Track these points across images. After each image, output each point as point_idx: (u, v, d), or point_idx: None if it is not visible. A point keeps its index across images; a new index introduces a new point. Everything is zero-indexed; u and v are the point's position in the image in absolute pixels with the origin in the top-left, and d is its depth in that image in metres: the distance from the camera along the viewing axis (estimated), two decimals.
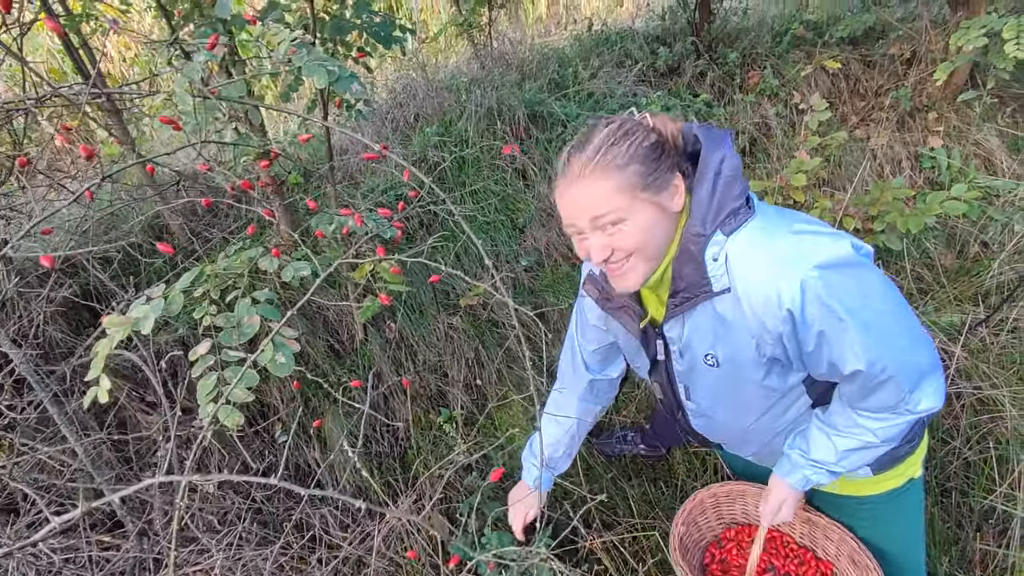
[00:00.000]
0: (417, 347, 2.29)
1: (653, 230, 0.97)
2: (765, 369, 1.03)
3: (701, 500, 1.48)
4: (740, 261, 0.94)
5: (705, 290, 0.97)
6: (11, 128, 1.86)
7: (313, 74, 1.38)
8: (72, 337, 2.04)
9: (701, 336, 1.05)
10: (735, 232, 0.95)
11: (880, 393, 0.97)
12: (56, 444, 1.68)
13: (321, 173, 2.36)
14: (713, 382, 1.11)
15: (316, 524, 1.62)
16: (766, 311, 0.93)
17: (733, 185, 0.96)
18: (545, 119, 2.67)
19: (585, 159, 0.94)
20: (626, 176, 0.93)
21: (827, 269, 0.88)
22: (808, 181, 2.17)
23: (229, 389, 1.28)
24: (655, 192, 0.95)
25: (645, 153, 0.94)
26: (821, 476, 1.12)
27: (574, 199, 0.97)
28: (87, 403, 1.29)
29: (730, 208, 0.95)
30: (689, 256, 0.97)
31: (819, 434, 1.10)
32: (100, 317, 1.79)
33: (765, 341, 0.97)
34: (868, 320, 0.90)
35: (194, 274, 1.55)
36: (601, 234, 0.98)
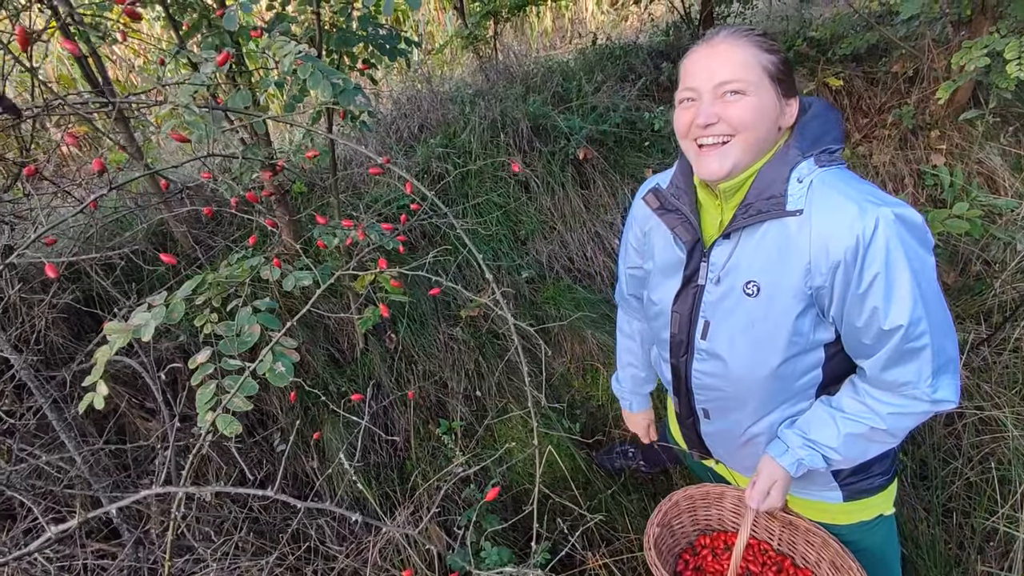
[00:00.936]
0: (417, 357, 2.28)
1: (764, 117, 1.00)
2: (803, 305, 1.02)
3: (676, 502, 1.43)
4: (823, 188, 0.98)
5: (777, 206, 1.00)
6: (18, 134, 1.88)
7: (317, 87, 1.39)
8: (73, 343, 2.04)
9: (749, 260, 1.05)
10: (827, 167, 1.00)
11: (908, 364, 0.97)
12: (55, 451, 1.68)
13: (325, 184, 2.37)
14: (741, 316, 1.08)
15: (313, 535, 1.61)
16: (834, 233, 0.95)
17: (836, 130, 1.03)
18: (548, 132, 2.69)
19: (737, 32, 1.01)
20: (766, 58, 0.99)
21: (903, 221, 0.92)
22: None
23: (228, 398, 1.28)
24: (781, 89, 1.01)
25: (784, 59, 1.01)
26: (816, 460, 1.10)
27: (709, 60, 1.01)
28: (83, 408, 1.29)
29: (828, 144, 1.02)
30: (777, 169, 1.01)
31: (823, 415, 1.09)
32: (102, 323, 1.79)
33: (819, 269, 0.97)
34: (922, 282, 0.94)
35: (196, 282, 1.56)
36: (717, 102, 1.00)
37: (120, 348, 1.41)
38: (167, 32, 3.95)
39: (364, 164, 2.71)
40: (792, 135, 1.04)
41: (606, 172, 2.65)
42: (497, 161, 2.52)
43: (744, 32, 1.01)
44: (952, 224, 1.94)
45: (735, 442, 1.24)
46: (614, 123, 2.68)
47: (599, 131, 2.66)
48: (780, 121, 1.03)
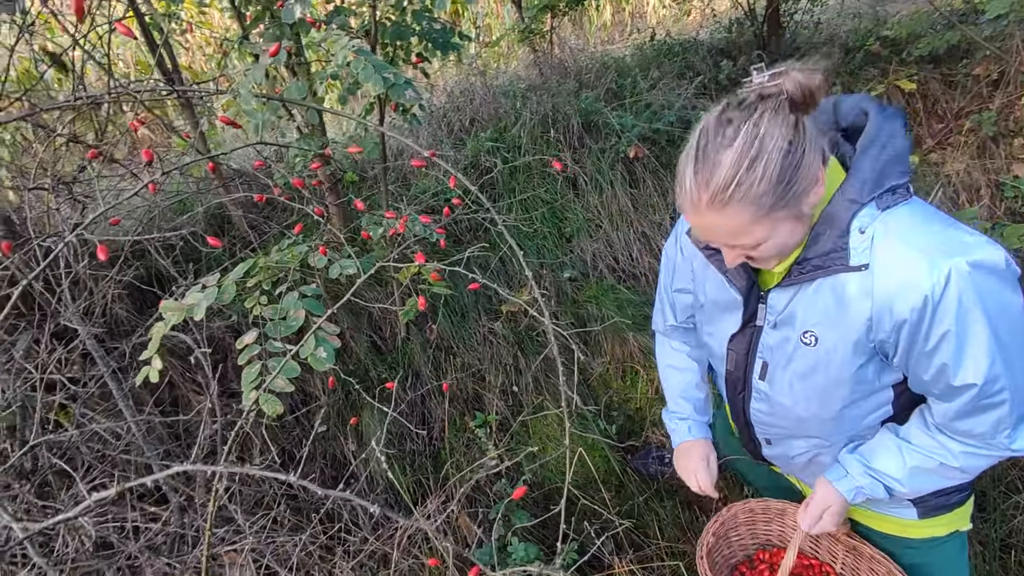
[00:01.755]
0: (457, 349, 2.31)
1: (793, 237, 0.91)
2: (866, 358, 0.95)
3: (735, 514, 1.39)
4: (888, 238, 0.86)
5: (840, 262, 0.90)
6: (95, 118, 2.00)
7: (369, 80, 1.42)
8: (135, 316, 2.16)
9: (809, 311, 0.98)
10: (891, 208, 0.88)
11: (982, 416, 0.89)
12: (113, 417, 1.79)
13: (375, 173, 2.42)
14: (800, 363, 1.02)
15: (345, 516, 1.66)
16: (899, 292, 0.86)
17: (900, 160, 0.89)
18: (600, 129, 2.65)
19: (713, 191, 0.83)
20: (763, 203, 0.83)
21: (979, 268, 0.82)
22: None
23: (271, 379, 1.33)
24: (795, 203, 0.85)
25: (782, 164, 0.81)
26: (877, 490, 1.03)
27: (704, 226, 0.90)
28: (139, 380, 1.36)
29: (892, 182, 0.88)
30: (835, 223, 0.90)
31: (889, 444, 1.02)
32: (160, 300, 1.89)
33: (882, 327, 0.90)
34: (1002, 333, 0.84)
35: (248, 265, 1.62)
36: (736, 250, 0.93)
37: (175, 325, 1.48)
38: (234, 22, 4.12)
39: (413, 156, 2.75)
40: (847, 179, 0.90)
41: (657, 172, 2.59)
42: (546, 157, 2.50)
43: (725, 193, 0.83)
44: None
45: (799, 463, 1.20)
46: (668, 121, 2.61)
47: (652, 129, 2.61)
48: (812, 206, 0.89)
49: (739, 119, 0.82)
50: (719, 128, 0.83)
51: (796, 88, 0.82)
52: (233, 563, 1.43)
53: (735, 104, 0.84)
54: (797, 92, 0.82)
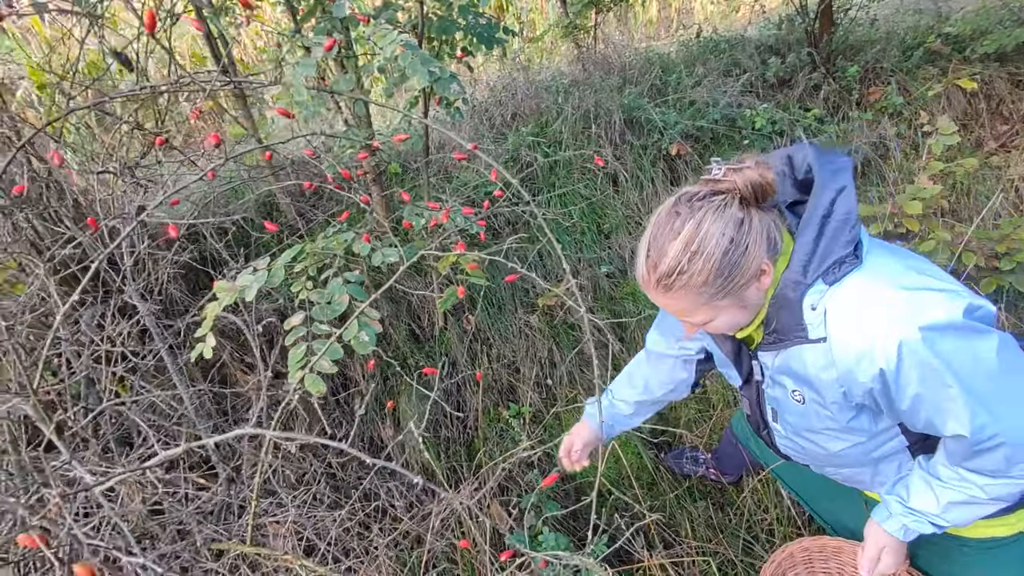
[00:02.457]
0: (493, 341, 2.34)
1: (738, 319, 0.97)
2: (853, 413, 0.99)
3: (791, 554, 1.40)
4: (838, 313, 0.89)
5: (799, 336, 0.94)
6: (156, 107, 2.10)
7: (415, 74, 1.46)
8: (189, 296, 2.27)
9: (790, 373, 1.02)
10: (838, 282, 0.90)
11: (987, 456, 0.89)
12: (167, 391, 1.89)
13: (418, 166, 2.47)
14: (798, 416, 1.08)
15: (382, 496, 1.71)
16: (857, 366, 0.89)
17: (843, 231, 0.90)
18: (642, 125, 2.64)
19: (659, 276, 0.90)
20: (703, 292, 0.90)
21: (933, 331, 0.82)
22: (925, 210, 2.00)
23: (315, 359, 1.39)
24: (738, 293, 0.92)
25: (721, 261, 0.87)
26: (922, 526, 1.04)
27: (657, 302, 0.97)
28: (194, 356, 1.44)
29: (836, 257, 0.90)
30: (786, 302, 0.94)
31: (921, 482, 1.02)
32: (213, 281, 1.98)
33: (854, 393, 0.93)
34: (977, 386, 0.83)
35: (295, 251, 1.69)
36: (689, 324, 0.99)
37: (227, 306, 1.56)
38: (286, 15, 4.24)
39: (455, 149, 2.79)
40: (790, 262, 0.92)
41: (699, 170, 2.57)
42: (586, 152, 2.51)
43: (669, 280, 0.89)
44: None
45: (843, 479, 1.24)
46: (712, 119, 2.58)
47: (695, 126, 2.58)
48: (760, 294, 0.95)
49: (687, 213, 0.89)
50: (669, 219, 0.90)
51: (747, 186, 0.88)
52: (276, 534, 1.50)
53: (687, 197, 0.91)
54: (747, 190, 0.89)
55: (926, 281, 0.87)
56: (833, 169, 0.93)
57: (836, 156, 0.95)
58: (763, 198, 0.90)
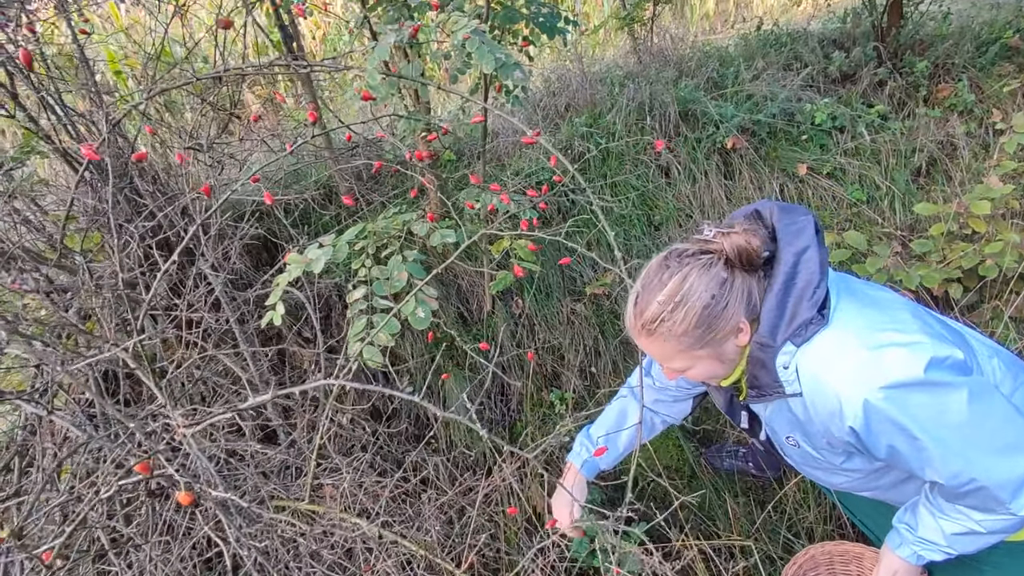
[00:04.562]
0: (539, 326, 2.39)
1: (715, 370, 1.03)
2: (844, 457, 1.06)
3: (813, 556, 1.43)
4: (807, 373, 0.95)
5: (778, 391, 1.00)
6: (231, 91, 2.22)
7: (483, 60, 1.51)
8: (253, 271, 2.39)
9: (780, 422, 1.09)
10: (805, 343, 0.95)
11: (973, 497, 0.93)
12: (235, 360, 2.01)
13: (473, 152, 2.53)
14: (798, 456, 1.15)
15: (429, 469, 1.78)
16: (831, 422, 0.95)
17: (806, 294, 0.95)
18: (698, 118, 2.62)
19: (643, 322, 0.98)
20: (683, 342, 0.96)
21: (895, 388, 0.87)
22: (994, 210, 1.94)
23: (375, 332, 1.46)
24: (715, 347, 0.98)
25: (701, 315, 0.94)
26: (933, 554, 1.07)
27: (641, 347, 1.03)
28: (264, 323, 1.53)
29: (801, 320, 0.95)
30: (760, 363, 0.99)
31: (926, 513, 1.06)
32: (276, 257, 2.08)
33: (836, 442, 1.00)
34: (945, 437, 0.88)
35: (358, 229, 1.77)
36: (669, 370, 1.05)
37: (290, 280, 1.65)
38: (350, 5, 4.35)
39: (509, 137, 2.84)
40: (758, 327, 0.97)
41: (754, 164, 2.54)
42: (640, 143, 2.52)
43: (651, 326, 0.97)
44: None
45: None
46: (770, 113, 2.55)
47: (752, 120, 2.55)
48: (736, 348, 1.00)
49: (676, 267, 0.97)
50: (659, 271, 0.98)
51: (733, 249, 0.95)
52: (332, 496, 1.59)
53: (677, 253, 0.99)
54: (733, 253, 0.95)
55: (890, 337, 0.91)
56: (794, 230, 0.99)
57: (797, 214, 1.01)
58: (747, 262, 0.96)
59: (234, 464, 1.68)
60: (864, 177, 2.41)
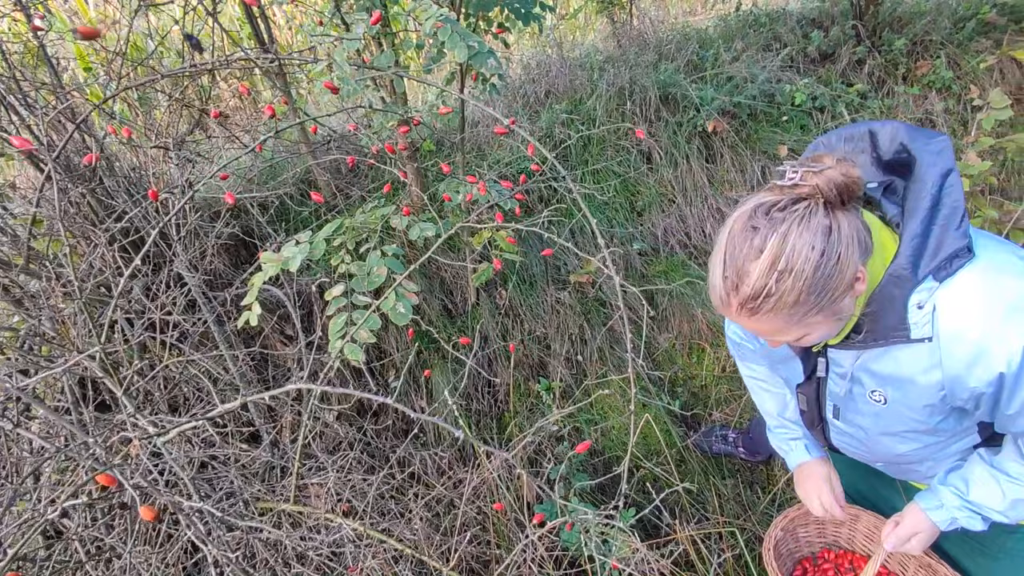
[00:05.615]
0: (524, 317, 2.37)
1: (835, 327, 0.88)
2: (943, 415, 0.94)
3: (806, 512, 1.40)
4: (952, 313, 0.82)
5: (899, 336, 0.87)
6: (200, 85, 2.17)
7: (454, 48, 1.47)
8: (232, 270, 2.35)
9: (874, 374, 0.95)
10: (950, 278, 0.82)
11: None
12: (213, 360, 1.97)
13: (453, 142, 2.49)
14: (871, 415, 1.02)
15: (416, 464, 1.77)
16: (971, 370, 0.83)
17: (954, 220, 0.82)
18: (678, 101, 2.60)
19: (742, 299, 0.81)
20: (795, 312, 0.81)
21: None
22: (973, 187, 1.94)
23: (355, 329, 1.44)
24: (830, 307, 0.82)
25: (813, 277, 0.78)
26: (974, 522, 1.01)
27: (738, 323, 0.88)
28: (241, 323, 1.51)
29: (950, 251, 0.82)
30: (889, 300, 0.86)
31: (986, 476, 0.99)
32: (255, 255, 2.04)
33: (956, 395, 0.88)
34: None
35: (335, 225, 1.74)
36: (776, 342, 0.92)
37: (270, 277, 1.62)
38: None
39: (489, 126, 2.80)
40: (898, 256, 0.84)
41: (735, 146, 2.53)
42: (620, 129, 2.49)
43: (755, 304, 0.80)
44: None
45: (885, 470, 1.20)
46: (750, 95, 2.53)
47: (733, 103, 2.54)
48: (854, 301, 0.85)
49: (767, 227, 0.79)
50: (746, 235, 0.80)
51: (830, 188, 0.79)
52: (317, 495, 1.57)
53: (763, 209, 0.81)
54: (831, 192, 0.79)
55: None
56: (935, 150, 0.85)
57: (934, 134, 0.86)
58: (849, 199, 0.81)
59: (217, 467, 1.66)
60: None
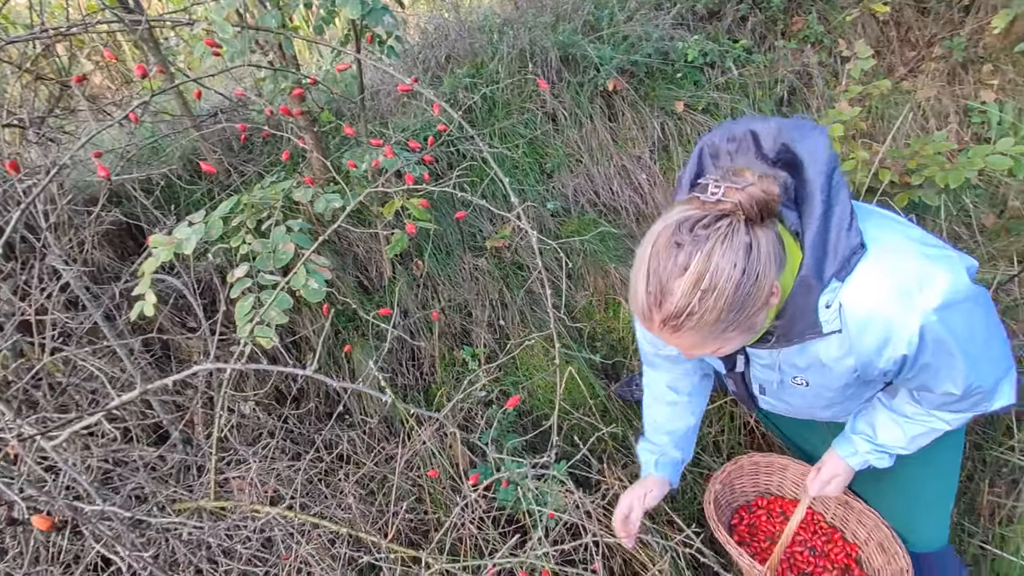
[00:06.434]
0: (443, 286, 2.34)
1: (747, 339, 0.92)
2: (857, 386, 1.04)
3: (741, 465, 1.54)
4: (856, 307, 0.88)
5: (813, 333, 0.92)
6: (57, 60, 1.92)
7: (346, 5, 1.39)
8: (119, 262, 2.15)
9: (793, 364, 1.02)
10: (850, 275, 0.87)
11: (965, 403, 0.98)
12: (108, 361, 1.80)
13: (353, 112, 2.38)
14: (795, 395, 1.11)
15: (344, 444, 1.72)
16: (880, 353, 0.90)
17: (844, 221, 0.86)
18: (578, 62, 2.63)
19: (665, 316, 0.82)
20: (715, 329, 0.83)
21: (945, 309, 0.84)
22: (846, 132, 2.11)
23: (264, 310, 1.36)
24: (748, 322, 0.85)
25: (735, 296, 0.80)
26: (883, 460, 1.14)
27: (659, 337, 0.89)
28: (134, 315, 1.38)
29: (847, 251, 0.86)
30: (801, 306, 0.90)
31: (888, 421, 1.10)
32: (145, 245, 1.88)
33: (869, 374, 0.96)
34: (973, 352, 0.89)
35: (232, 203, 1.62)
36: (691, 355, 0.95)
37: (164, 263, 1.49)
38: None
39: (391, 94, 2.70)
40: (803, 267, 0.88)
41: (635, 104, 2.60)
42: (524, 91, 2.48)
43: (678, 321, 0.82)
44: (994, 161, 1.87)
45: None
46: (646, 53, 2.60)
47: (630, 61, 2.59)
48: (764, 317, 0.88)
49: (691, 245, 0.80)
50: (670, 252, 0.81)
51: (751, 204, 0.81)
52: (240, 488, 1.50)
53: (687, 225, 0.81)
54: (753, 209, 0.81)
55: (929, 252, 0.87)
56: (813, 148, 0.87)
57: (810, 129, 0.89)
58: (768, 215, 0.83)
59: (124, 475, 1.53)
60: (735, 110, 2.54)
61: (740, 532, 1.51)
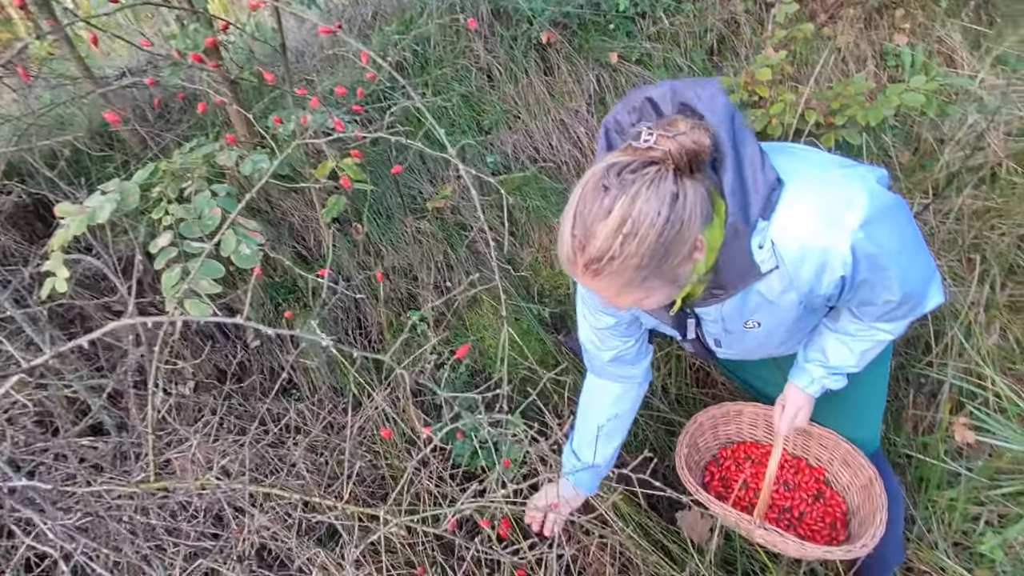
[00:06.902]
0: (385, 251, 2.29)
1: (672, 292, 0.92)
2: (806, 315, 1.06)
3: (700, 424, 1.56)
4: (787, 241, 0.89)
5: (753, 276, 0.94)
6: None
7: None
8: (27, 246, 1.99)
9: (743, 310, 1.04)
10: (774, 212, 0.89)
11: (900, 310, 1.03)
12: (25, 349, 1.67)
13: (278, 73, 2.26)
14: (750, 339, 1.13)
15: (292, 414, 1.67)
16: (820, 280, 0.92)
17: (758, 160, 0.88)
18: (510, 15, 2.57)
19: (587, 259, 0.82)
20: (636, 276, 0.83)
21: (869, 224, 0.86)
22: (773, 76, 2.16)
23: (191, 277, 1.28)
24: (670, 272, 0.86)
25: (656, 242, 0.80)
26: (839, 381, 1.19)
27: (581, 283, 0.91)
28: (45, 294, 1.28)
29: (766, 189, 0.88)
30: (736, 252, 0.91)
31: (835, 343, 1.14)
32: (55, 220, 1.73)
33: (813, 302, 0.99)
34: (903, 259, 0.93)
35: (149, 170, 1.51)
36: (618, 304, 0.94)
37: (80, 243, 1.37)
38: None
39: (316, 55, 2.58)
40: (728, 216, 0.89)
41: (571, 57, 2.57)
42: (458, 47, 2.41)
43: (599, 265, 0.82)
44: (908, 98, 1.96)
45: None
46: (577, 4, 2.56)
47: (562, 13, 2.55)
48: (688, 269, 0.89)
49: (617, 188, 0.80)
50: (597, 194, 0.81)
51: (681, 153, 0.81)
52: (184, 468, 1.44)
53: (616, 169, 0.81)
54: (682, 158, 0.81)
55: (841, 173, 0.91)
56: (710, 98, 0.89)
57: (703, 83, 0.90)
58: (697, 167, 0.83)
59: (50, 464, 1.44)
60: (668, 60, 2.56)
61: (715, 488, 1.53)
